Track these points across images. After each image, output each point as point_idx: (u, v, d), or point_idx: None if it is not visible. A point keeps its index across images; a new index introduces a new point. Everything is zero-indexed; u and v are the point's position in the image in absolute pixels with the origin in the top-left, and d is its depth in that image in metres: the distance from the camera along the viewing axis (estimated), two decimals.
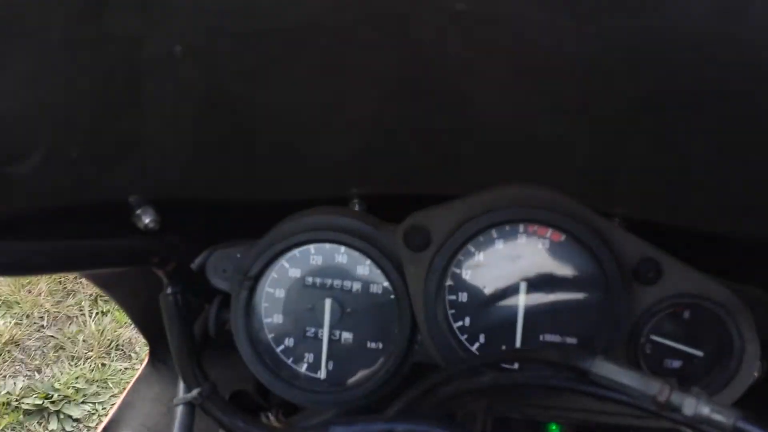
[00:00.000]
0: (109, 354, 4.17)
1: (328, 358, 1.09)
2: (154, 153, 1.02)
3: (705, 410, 0.68)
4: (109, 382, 4.00)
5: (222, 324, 1.15)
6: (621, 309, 0.97)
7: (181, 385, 1.16)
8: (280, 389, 1.10)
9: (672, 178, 1.04)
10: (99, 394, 3.88)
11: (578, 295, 1.00)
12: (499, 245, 1.01)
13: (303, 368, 1.11)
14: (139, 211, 1.03)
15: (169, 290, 1.11)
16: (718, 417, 0.67)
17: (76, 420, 3.72)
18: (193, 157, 1.06)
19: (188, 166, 1.07)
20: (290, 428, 1.15)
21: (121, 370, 4.05)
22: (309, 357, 1.10)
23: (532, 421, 1.04)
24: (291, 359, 1.11)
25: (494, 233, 1.01)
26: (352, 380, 1.09)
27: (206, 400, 1.12)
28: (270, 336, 1.11)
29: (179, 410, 1.15)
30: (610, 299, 0.97)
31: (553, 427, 1.02)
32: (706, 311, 0.99)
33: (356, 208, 1.16)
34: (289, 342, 1.10)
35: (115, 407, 1.57)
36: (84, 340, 4.30)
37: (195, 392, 1.12)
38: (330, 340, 1.08)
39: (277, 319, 1.10)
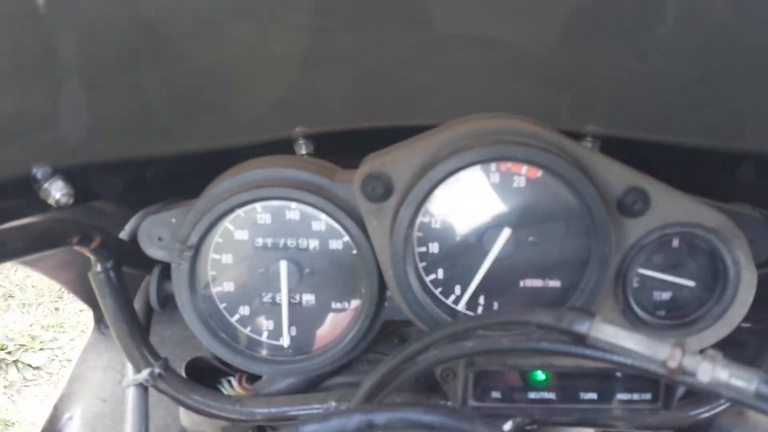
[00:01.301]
0: (61, 297, 4.05)
1: (290, 324, 0.98)
2: (58, 115, 0.86)
3: (723, 375, 0.60)
4: (65, 326, 3.91)
5: (166, 295, 1.03)
6: (607, 247, 0.88)
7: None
8: (240, 363, 1.00)
9: (642, 86, 0.95)
10: (57, 339, 3.79)
11: (560, 235, 0.90)
12: (470, 188, 0.89)
13: (264, 337, 1.00)
14: (46, 185, 0.87)
15: (98, 268, 0.97)
16: (737, 382, 0.60)
17: (36, 368, 3.63)
18: (104, 113, 0.91)
19: (99, 123, 0.91)
20: (253, 398, 1.06)
21: (76, 312, 3.94)
22: (269, 324, 0.99)
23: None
24: (249, 328, 1.00)
25: (463, 176, 0.89)
26: (318, 345, 1.00)
27: (158, 379, 1.02)
28: (222, 306, 0.99)
29: (130, 391, 1.05)
30: (596, 237, 0.88)
31: (537, 373, 0.95)
32: (697, 238, 0.91)
33: (303, 150, 1.03)
34: (244, 310, 0.99)
35: (65, 381, 1.46)
36: (33, 286, 4.16)
37: (145, 373, 1.01)
38: (290, 305, 0.97)
39: (228, 287, 0.98)
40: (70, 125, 0.89)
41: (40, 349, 3.69)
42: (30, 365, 3.59)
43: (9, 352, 3.55)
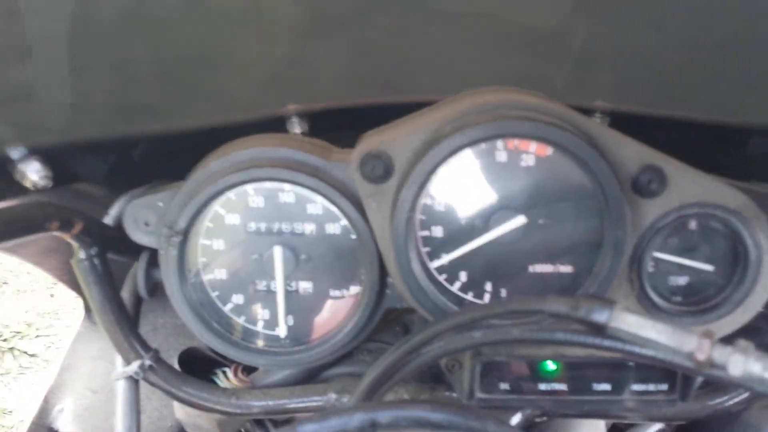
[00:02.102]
0: (56, 284, 3.99)
1: (287, 313, 0.93)
2: (35, 91, 0.80)
3: (756, 368, 0.55)
4: (60, 313, 3.87)
5: (155, 283, 0.98)
6: (622, 229, 0.82)
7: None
8: (235, 354, 0.95)
9: (655, 58, 0.89)
10: (52, 326, 3.76)
11: (571, 218, 0.85)
12: (476, 167, 0.84)
13: (259, 326, 0.95)
14: (22, 166, 0.82)
15: (82, 255, 0.92)
16: None
17: (33, 355, 3.60)
18: (85, 90, 0.85)
19: (80, 100, 0.85)
20: (249, 391, 1.01)
21: (71, 299, 3.90)
22: (264, 313, 0.94)
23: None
24: (243, 318, 0.95)
25: (469, 154, 0.83)
26: (316, 335, 0.95)
27: (148, 371, 0.97)
28: (214, 294, 0.93)
29: (120, 384, 1.00)
30: (609, 219, 0.83)
31: (547, 364, 0.90)
32: (716, 219, 0.86)
33: (296, 128, 0.97)
34: (237, 299, 0.94)
35: (55, 372, 1.41)
36: (28, 273, 4.12)
37: (135, 365, 0.97)
38: (286, 293, 0.92)
39: (220, 274, 0.93)
40: (48, 102, 0.83)
41: (36, 336, 3.66)
42: (26, 352, 3.56)
43: (4, 340, 3.52)
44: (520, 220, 0.85)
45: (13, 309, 3.77)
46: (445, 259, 0.87)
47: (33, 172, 0.82)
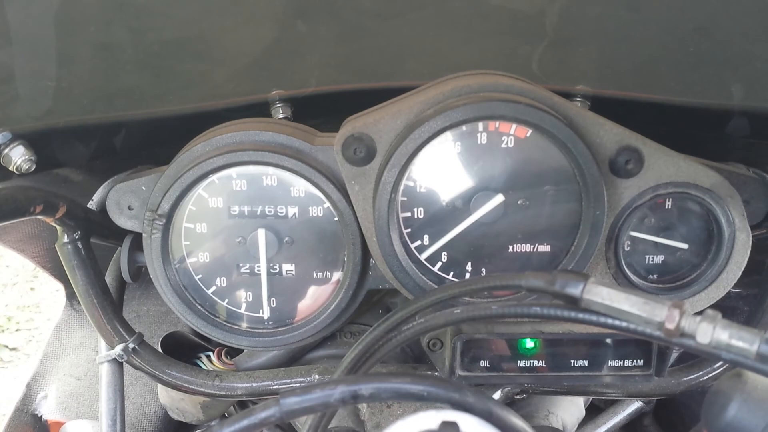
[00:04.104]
0: (36, 277, 3.97)
1: (270, 295, 0.94)
2: (18, 76, 0.80)
3: (723, 335, 0.57)
4: (41, 306, 3.84)
5: (139, 267, 0.98)
6: (600, 209, 0.84)
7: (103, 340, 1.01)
8: (219, 335, 0.95)
9: (635, 41, 0.91)
10: (33, 320, 3.73)
11: (550, 198, 0.87)
12: (456, 149, 0.85)
13: (243, 309, 0.96)
14: (6, 150, 0.82)
15: (65, 239, 0.92)
16: (738, 343, 0.57)
17: (13, 348, 3.57)
18: (68, 74, 0.85)
19: (63, 84, 0.85)
20: (233, 373, 1.02)
21: (52, 292, 3.87)
22: (247, 296, 0.95)
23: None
24: (227, 300, 0.95)
25: (449, 136, 0.84)
26: (300, 316, 0.96)
27: (132, 354, 0.98)
28: (198, 277, 0.94)
29: (104, 367, 1.00)
30: (587, 199, 0.84)
31: (526, 341, 0.92)
32: (690, 198, 0.88)
33: (280, 114, 0.98)
34: (221, 282, 0.94)
35: (37, 360, 1.40)
36: (7, 266, 4.08)
37: (118, 348, 0.97)
38: (269, 275, 0.93)
39: (203, 257, 0.93)
40: (31, 86, 0.83)
41: (17, 330, 3.63)
42: (7, 346, 3.52)
43: None
44: (499, 199, 0.86)
45: None
46: (431, 248, 0.89)
47: (17, 156, 0.82)
